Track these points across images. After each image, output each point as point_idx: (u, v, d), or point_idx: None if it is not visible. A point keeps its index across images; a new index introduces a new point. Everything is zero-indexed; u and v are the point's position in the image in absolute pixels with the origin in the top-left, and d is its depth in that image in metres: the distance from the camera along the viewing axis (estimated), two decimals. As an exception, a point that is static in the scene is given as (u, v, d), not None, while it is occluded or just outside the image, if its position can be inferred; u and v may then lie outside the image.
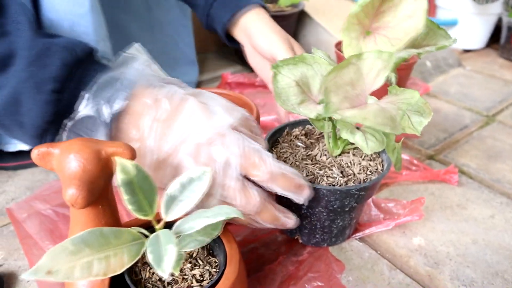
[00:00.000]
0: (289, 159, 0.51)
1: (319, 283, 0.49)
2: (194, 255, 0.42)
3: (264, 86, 0.96)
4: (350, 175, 0.49)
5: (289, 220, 0.46)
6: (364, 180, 0.48)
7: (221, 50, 1.26)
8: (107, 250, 0.32)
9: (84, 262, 0.30)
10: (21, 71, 0.37)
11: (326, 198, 0.47)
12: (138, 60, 0.43)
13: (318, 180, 0.48)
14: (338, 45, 0.91)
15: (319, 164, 0.50)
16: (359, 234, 0.57)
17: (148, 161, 0.40)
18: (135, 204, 0.34)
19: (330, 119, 0.47)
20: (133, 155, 0.34)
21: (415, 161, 0.71)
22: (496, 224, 0.61)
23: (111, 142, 0.34)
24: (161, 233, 0.34)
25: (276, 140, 0.55)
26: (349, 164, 0.50)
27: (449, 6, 1.32)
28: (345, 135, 0.44)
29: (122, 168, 0.33)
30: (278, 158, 0.51)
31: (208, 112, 0.41)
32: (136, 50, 0.45)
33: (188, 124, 0.40)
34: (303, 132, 0.56)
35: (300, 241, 0.55)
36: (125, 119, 0.39)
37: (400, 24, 0.42)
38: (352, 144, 0.49)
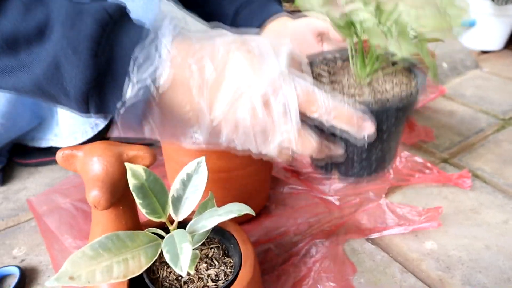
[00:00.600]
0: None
1: (332, 284, 0.50)
2: (209, 255, 0.43)
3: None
4: (382, 91, 0.44)
5: (339, 151, 0.43)
6: (398, 98, 0.43)
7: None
8: (125, 253, 0.33)
9: (103, 266, 0.31)
10: (60, 34, 0.36)
11: None
12: (171, 18, 0.40)
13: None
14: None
15: (347, 85, 0.46)
16: (373, 236, 0.58)
17: (205, 128, 0.39)
18: (148, 207, 0.35)
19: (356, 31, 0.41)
20: (153, 158, 0.35)
21: (428, 164, 0.71)
22: (509, 230, 0.61)
23: (132, 146, 0.35)
24: (175, 233, 0.35)
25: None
26: (381, 83, 0.46)
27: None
28: (375, 40, 0.38)
29: (133, 173, 0.34)
30: None
31: (257, 62, 0.39)
32: (168, 5, 0.42)
33: (238, 81, 0.38)
34: (325, 68, 0.50)
35: (337, 176, 0.49)
36: (173, 93, 0.37)
37: None
38: (380, 63, 0.44)
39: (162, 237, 0.36)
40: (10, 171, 0.72)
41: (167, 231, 0.37)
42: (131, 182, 0.33)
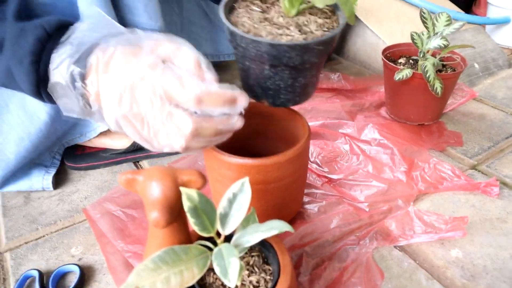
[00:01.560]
0: (246, 23, 0.51)
1: (361, 289, 0.54)
2: (250, 262, 0.48)
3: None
4: (307, 32, 0.50)
5: (238, 122, 0.47)
6: (321, 35, 0.50)
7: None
8: (180, 265, 0.38)
9: (163, 277, 0.36)
10: (7, 51, 0.48)
11: (287, 55, 0.48)
12: (88, 22, 0.49)
13: (278, 38, 0.49)
14: (386, 51, 0.94)
15: (277, 24, 0.51)
16: (401, 243, 0.61)
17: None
18: (200, 225, 0.40)
19: None
20: (204, 182, 0.39)
21: (456, 172, 0.74)
22: (535, 239, 0.63)
23: (186, 170, 0.39)
24: (223, 247, 0.40)
25: (232, 6, 0.55)
26: (306, 23, 0.52)
27: (500, 3, 1.30)
28: None
29: (188, 197, 0.39)
30: (236, 22, 0.52)
31: (135, 55, 0.45)
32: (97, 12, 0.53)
33: (117, 69, 0.44)
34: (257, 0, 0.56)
35: (266, 104, 0.56)
36: (86, 79, 0.45)
37: None
38: (308, 3, 0.52)
39: (210, 249, 0.41)
40: (64, 175, 0.78)
41: (214, 243, 0.42)
42: (186, 204, 0.38)
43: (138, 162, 0.82)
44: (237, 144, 0.62)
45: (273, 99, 0.55)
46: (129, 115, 0.44)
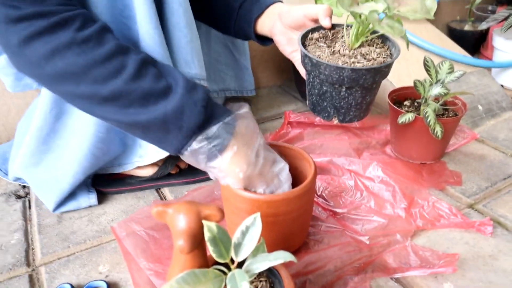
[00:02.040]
0: (321, 56, 0.65)
1: (358, 316, 0.60)
2: (259, 287, 0.54)
3: (322, 125, 1.07)
4: (371, 59, 0.64)
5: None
6: (383, 61, 0.65)
7: (284, 85, 1.39)
8: (199, 286, 0.45)
9: (186, 295, 0.43)
10: (183, 93, 0.58)
11: (364, 77, 0.62)
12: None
13: (352, 66, 0.63)
14: (392, 93, 1.01)
15: (346, 55, 0.65)
16: (397, 275, 0.67)
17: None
18: (217, 253, 0.47)
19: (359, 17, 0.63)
20: (222, 216, 0.47)
21: (453, 210, 0.79)
22: (523, 277, 0.68)
23: (207, 206, 0.47)
24: (236, 273, 0.47)
25: (304, 44, 0.69)
26: (368, 52, 0.65)
27: (506, 49, 1.37)
28: (377, 27, 0.59)
29: (208, 229, 0.46)
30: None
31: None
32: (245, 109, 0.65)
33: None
34: (320, 35, 0.70)
35: (336, 121, 0.70)
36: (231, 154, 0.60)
37: None
38: (367, 37, 0.66)
39: (224, 273, 0.48)
40: (93, 197, 0.87)
41: (228, 268, 0.48)
42: (207, 235, 0.45)
43: (159, 189, 0.90)
44: None
45: (344, 116, 0.70)
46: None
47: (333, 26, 0.71)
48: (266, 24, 0.80)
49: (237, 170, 0.60)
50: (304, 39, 0.70)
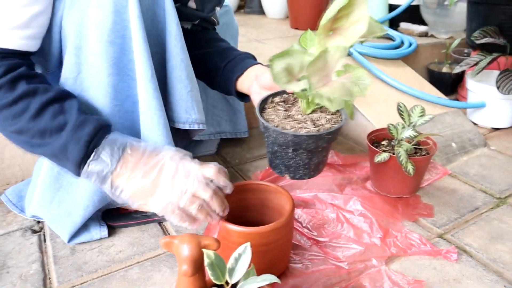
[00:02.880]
0: (275, 119, 0.72)
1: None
2: (249, 306, 0.64)
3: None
4: (320, 125, 0.71)
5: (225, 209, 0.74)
6: (330, 127, 0.71)
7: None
8: (201, 303, 0.55)
9: (190, 310, 0.53)
10: (69, 130, 0.69)
11: (306, 142, 0.68)
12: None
13: (299, 131, 0.69)
14: (371, 134, 1.13)
15: (297, 120, 0.72)
16: (371, 298, 0.77)
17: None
18: (215, 276, 0.57)
19: (305, 90, 0.69)
20: (218, 245, 0.57)
21: (423, 240, 0.90)
22: (483, 298, 0.78)
23: (206, 237, 0.57)
24: (231, 294, 0.57)
25: (263, 107, 0.77)
26: (318, 118, 0.72)
27: (477, 91, 1.50)
28: (318, 100, 0.65)
29: (207, 256, 0.57)
30: (267, 119, 0.73)
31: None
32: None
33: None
34: (282, 99, 0.78)
35: (288, 177, 0.77)
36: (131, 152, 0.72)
37: (350, 27, 0.64)
38: (318, 105, 0.72)
39: (221, 294, 0.58)
40: (103, 231, 0.96)
41: (223, 289, 0.58)
42: (206, 261, 0.55)
43: (162, 223, 1.00)
44: (236, 214, 0.81)
45: (294, 174, 0.77)
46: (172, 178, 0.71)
47: None
48: (245, 83, 0.93)
49: (130, 189, 0.71)
50: (265, 102, 0.78)
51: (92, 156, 0.70)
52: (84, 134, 0.69)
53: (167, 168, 0.71)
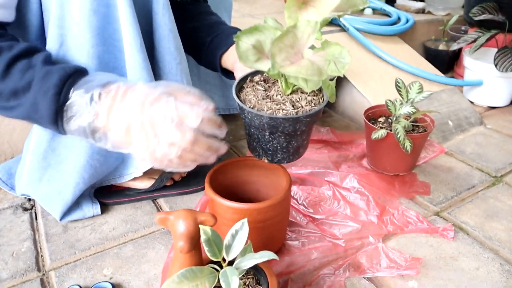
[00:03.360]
0: (252, 100, 0.68)
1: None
2: (247, 283, 0.63)
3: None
4: (299, 107, 0.67)
5: (221, 146, 0.65)
6: (309, 110, 0.66)
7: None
8: (196, 281, 0.54)
9: None
10: (35, 86, 0.63)
11: (282, 125, 0.64)
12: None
13: (276, 113, 0.65)
14: (368, 111, 1.11)
15: (276, 101, 0.67)
16: (368, 275, 0.76)
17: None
18: (211, 252, 0.56)
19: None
20: (215, 221, 0.55)
21: (420, 217, 0.89)
22: (479, 275, 0.78)
23: (203, 213, 0.56)
24: (228, 269, 0.55)
25: (241, 86, 0.73)
26: (298, 100, 0.68)
27: (475, 68, 1.48)
28: (292, 80, 0.61)
29: (204, 232, 0.55)
30: (244, 99, 0.69)
31: (152, 87, 0.63)
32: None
33: (136, 95, 0.62)
34: (262, 78, 0.73)
35: (266, 161, 0.73)
36: (100, 103, 0.62)
37: None
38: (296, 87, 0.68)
39: (217, 270, 0.56)
40: (95, 208, 0.95)
41: (220, 266, 0.57)
42: (202, 237, 0.53)
43: (155, 200, 0.98)
44: (230, 191, 0.80)
45: (272, 158, 0.73)
46: (142, 128, 0.61)
47: None
48: (229, 59, 0.90)
49: (117, 129, 0.62)
50: (244, 81, 0.73)
51: (65, 113, 0.63)
52: (51, 85, 0.62)
53: (134, 121, 0.61)
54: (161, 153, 0.61)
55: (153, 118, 0.60)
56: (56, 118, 0.64)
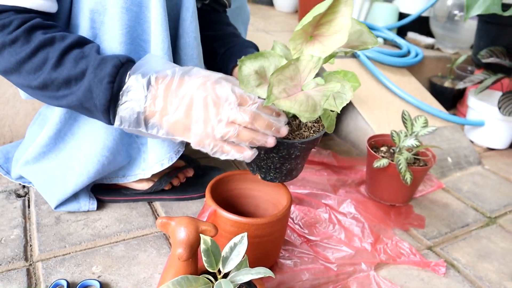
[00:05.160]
0: None
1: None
2: (238, 297, 0.62)
3: (304, 160, 1.17)
4: (298, 132, 0.68)
5: (283, 127, 0.65)
6: (307, 136, 0.67)
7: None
8: (191, 289, 0.53)
9: (179, 295, 0.51)
10: (91, 72, 0.64)
11: (277, 147, 0.65)
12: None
13: None
14: (371, 139, 1.12)
15: None
16: (356, 302, 0.76)
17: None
18: (209, 262, 0.55)
19: None
20: (216, 232, 0.55)
21: (413, 250, 0.89)
22: (467, 314, 0.78)
23: (204, 222, 0.55)
24: (222, 282, 0.55)
25: None
26: (298, 124, 0.70)
27: (478, 109, 1.50)
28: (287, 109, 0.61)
29: (204, 241, 0.55)
30: None
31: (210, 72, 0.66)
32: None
33: (190, 81, 0.65)
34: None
35: (259, 177, 0.74)
36: (157, 87, 0.64)
37: (331, 35, 0.60)
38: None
39: (211, 281, 0.56)
40: (90, 203, 0.94)
41: (215, 277, 0.57)
42: (202, 247, 0.53)
43: (151, 202, 0.97)
44: (228, 202, 0.80)
45: (265, 175, 0.74)
46: (205, 106, 0.63)
47: None
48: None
49: (169, 119, 0.64)
50: None
51: (120, 99, 0.64)
52: (106, 74, 0.64)
53: (196, 99, 0.63)
54: (220, 132, 0.63)
55: (216, 98, 0.63)
56: (109, 106, 0.65)
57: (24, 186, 0.97)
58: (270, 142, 0.64)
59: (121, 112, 0.64)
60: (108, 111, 0.65)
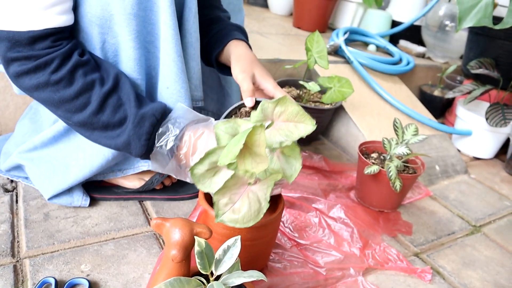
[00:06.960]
0: None
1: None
2: (228, 299, 0.62)
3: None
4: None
5: None
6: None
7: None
8: (183, 291, 0.53)
9: (172, 296, 0.51)
10: (130, 129, 0.73)
11: None
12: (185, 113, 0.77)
13: None
14: (362, 145, 1.13)
15: None
16: (344, 307, 0.77)
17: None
18: (202, 265, 0.55)
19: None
20: (210, 234, 0.55)
21: (400, 256, 0.90)
22: (451, 321, 0.79)
23: (199, 224, 0.55)
24: (215, 284, 0.55)
25: (231, 116, 0.78)
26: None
27: (466, 119, 1.53)
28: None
29: (198, 243, 0.55)
30: None
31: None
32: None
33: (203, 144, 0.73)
34: (248, 110, 0.79)
35: None
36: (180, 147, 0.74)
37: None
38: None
39: (203, 283, 0.56)
40: (80, 201, 0.93)
41: (207, 279, 0.57)
42: (196, 249, 0.53)
43: (142, 201, 0.97)
44: None
45: None
46: None
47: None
48: (224, 59, 0.91)
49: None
50: (236, 110, 0.80)
51: (153, 152, 0.74)
52: (144, 132, 0.73)
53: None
54: None
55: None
56: (144, 157, 0.76)
57: (12, 181, 0.96)
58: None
59: (153, 159, 0.75)
60: (140, 157, 0.76)
